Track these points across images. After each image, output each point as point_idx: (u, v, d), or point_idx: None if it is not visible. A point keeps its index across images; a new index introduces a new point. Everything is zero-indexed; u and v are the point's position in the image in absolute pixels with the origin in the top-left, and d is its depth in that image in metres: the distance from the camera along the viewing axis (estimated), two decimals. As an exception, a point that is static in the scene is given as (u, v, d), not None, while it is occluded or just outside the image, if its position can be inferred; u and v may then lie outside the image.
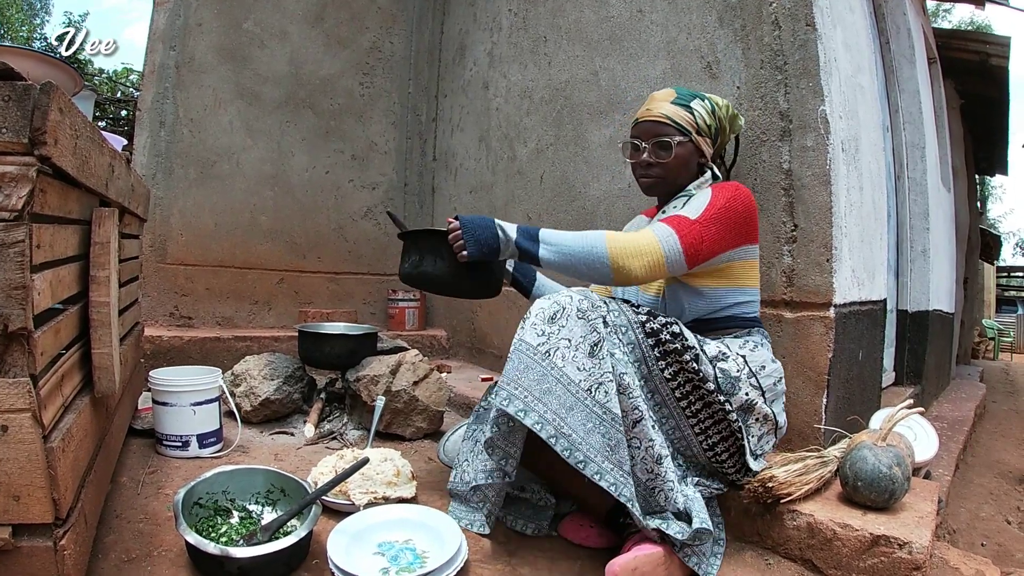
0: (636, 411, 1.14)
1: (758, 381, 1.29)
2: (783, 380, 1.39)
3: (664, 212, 1.44)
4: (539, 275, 1.62)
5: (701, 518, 1.13)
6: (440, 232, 1.36)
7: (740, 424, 1.23)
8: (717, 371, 1.24)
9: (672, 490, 1.15)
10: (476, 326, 2.94)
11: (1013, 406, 4.04)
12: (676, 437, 1.24)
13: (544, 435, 1.10)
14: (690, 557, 1.13)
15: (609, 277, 1.24)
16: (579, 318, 1.15)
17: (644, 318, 1.20)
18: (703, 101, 1.42)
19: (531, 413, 1.11)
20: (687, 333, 1.21)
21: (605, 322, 1.17)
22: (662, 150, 1.41)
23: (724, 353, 1.27)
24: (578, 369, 1.11)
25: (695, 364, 1.18)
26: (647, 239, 1.24)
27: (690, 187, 1.43)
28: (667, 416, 1.23)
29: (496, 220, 1.30)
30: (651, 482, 1.16)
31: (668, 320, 1.21)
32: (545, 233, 1.28)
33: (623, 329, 1.19)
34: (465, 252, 1.28)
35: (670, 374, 1.19)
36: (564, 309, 1.16)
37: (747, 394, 1.25)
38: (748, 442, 1.26)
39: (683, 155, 1.41)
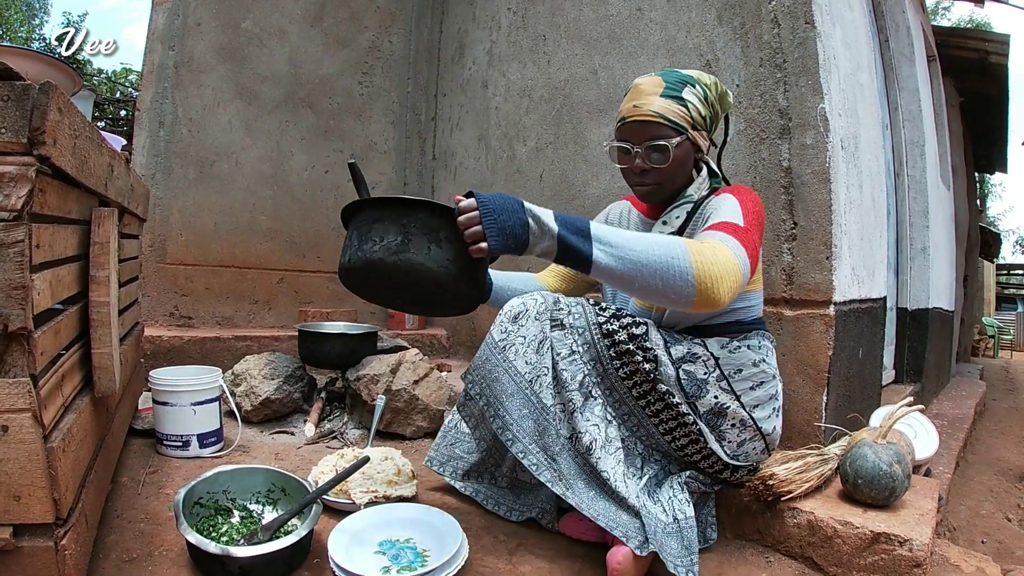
0: (571, 403, 1.18)
1: (729, 384, 1.23)
2: (772, 384, 1.28)
3: (666, 223, 1.30)
4: (496, 281, 1.43)
5: (688, 556, 1.12)
6: (442, 208, 1.03)
7: (700, 427, 1.20)
8: (681, 373, 1.20)
9: (612, 480, 1.16)
10: (476, 325, 2.94)
11: (1013, 404, 4.05)
12: (642, 435, 1.25)
13: (487, 415, 1.22)
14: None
15: (688, 299, 1.01)
16: (536, 319, 1.21)
17: (603, 319, 1.21)
18: (694, 87, 1.25)
19: (481, 397, 1.23)
20: (651, 333, 1.20)
21: (562, 324, 1.21)
22: (657, 154, 1.24)
23: (693, 354, 1.21)
24: (526, 363, 1.20)
25: (648, 365, 1.17)
26: (725, 254, 1.03)
27: (690, 190, 1.30)
28: (627, 414, 1.24)
29: (524, 202, 1.03)
30: (591, 472, 1.19)
31: (632, 320, 1.20)
32: (600, 229, 1.03)
33: (580, 330, 1.21)
34: (485, 243, 0.99)
35: (625, 373, 1.20)
36: (527, 311, 1.22)
37: (716, 397, 1.21)
38: (722, 447, 1.24)
39: (681, 156, 1.26)
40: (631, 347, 1.18)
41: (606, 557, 1.12)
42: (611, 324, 1.20)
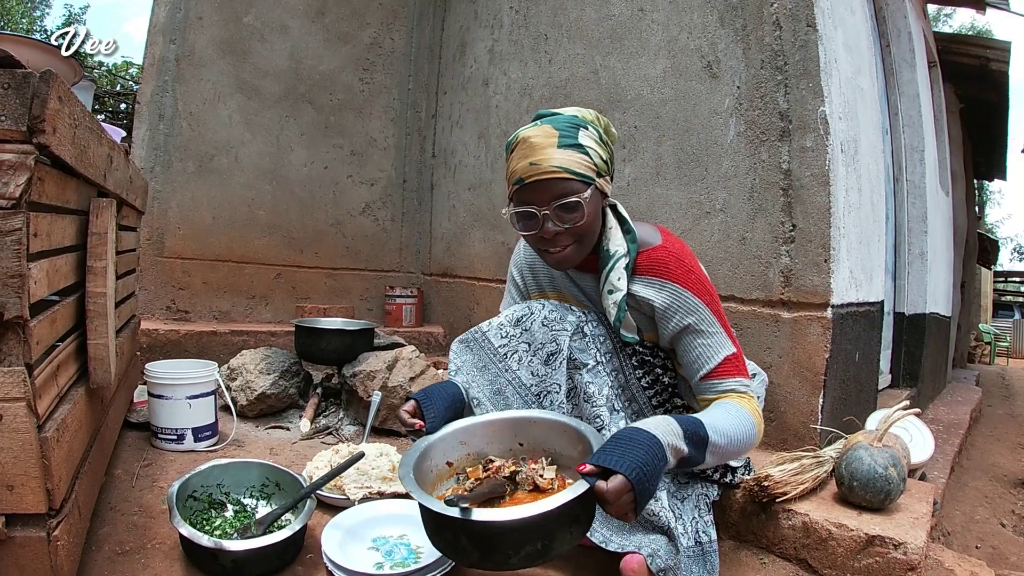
0: (598, 419, 1.12)
1: None
2: (760, 372, 1.47)
3: (612, 292, 1.12)
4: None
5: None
6: (580, 499, 0.84)
7: None
8: None
9: None
10: (473, 322, 2.92)
11: (1009, 410, 4.06)
12: None
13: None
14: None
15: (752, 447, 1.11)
16: (543, 325, 1.16)
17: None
18: (587, 129, 1.11)
19: (479, 406, 1.16)
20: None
21: (583, 332, 1.15)
22: (570, 213, 1.08)
23: None
24: (532, 374, 1.14)
25: (667, 378, 1.18)
26: (750, 401, 1.10)
27: (609, 246, 1.14)
28: None
29: (663, 443, 0.91)
30: None
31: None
32: (715, 436, 1.01)
33: (601, 339, 1.18)
34: (632, 514, 0.87)
35: (647, 383, 1.19)
36: (532, 314, 1.17)
37: None
38: None
39: (593, 210, 1.10)
40: (650, 359, 1.17)
41: (620, 564, 1.08)
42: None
